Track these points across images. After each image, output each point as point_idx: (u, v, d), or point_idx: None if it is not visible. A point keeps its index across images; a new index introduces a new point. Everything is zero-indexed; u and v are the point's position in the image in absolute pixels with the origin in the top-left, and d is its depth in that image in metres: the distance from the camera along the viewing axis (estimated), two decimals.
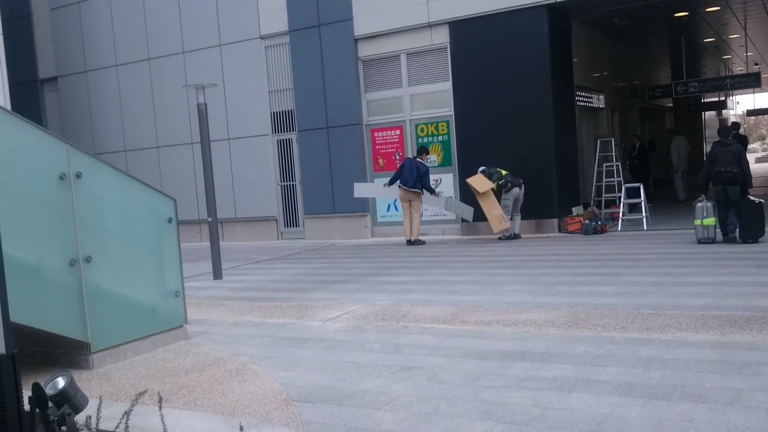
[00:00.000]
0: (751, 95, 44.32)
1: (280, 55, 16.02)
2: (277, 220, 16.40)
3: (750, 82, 18.44)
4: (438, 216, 14.60)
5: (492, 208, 12.37)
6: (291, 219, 16.28)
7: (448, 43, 14.13)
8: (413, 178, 13.00)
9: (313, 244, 14.88)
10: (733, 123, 18.31)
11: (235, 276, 11.05)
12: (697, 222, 10.55)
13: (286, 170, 16.23)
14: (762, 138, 76.86)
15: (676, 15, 15.83)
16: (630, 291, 7.34)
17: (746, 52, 22.32)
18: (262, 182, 16.39)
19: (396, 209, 15.11)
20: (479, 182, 12.56)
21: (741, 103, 46.58)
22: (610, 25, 16.49)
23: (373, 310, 7.50)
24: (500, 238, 12.78)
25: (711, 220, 10.44)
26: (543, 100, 13.23)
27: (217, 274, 10.80)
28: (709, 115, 35.38)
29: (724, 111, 38.84)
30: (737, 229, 10.24)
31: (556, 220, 13.33)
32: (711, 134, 32.89)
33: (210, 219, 10.84)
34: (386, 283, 9.23)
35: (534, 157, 13.33)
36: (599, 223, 12.96)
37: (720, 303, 6.45)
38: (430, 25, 14.23)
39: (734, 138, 11.36)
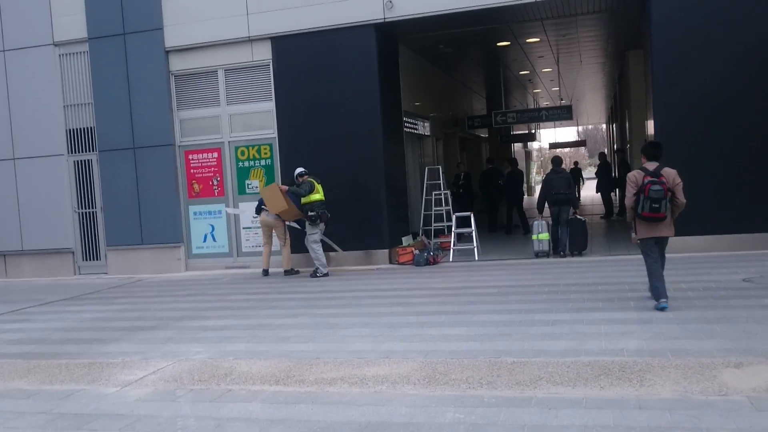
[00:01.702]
0: (553, 130, 47.69)
1: (77, 65, 14.02)
2: (73, 253, 14.22)
3: (563, 114, 19.20)
4: (259, 246, 13.36)
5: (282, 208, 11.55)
6: (91, 251, 14.19)
7: (271, 60, 13.03)
8: None
9: (117, 281, 12.98)
10: (511, 158, 19.15)
11: (11, 324, 9.06)
12: (534, 237, 12.11)
13: (84, 195, 14.15)
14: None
15: (498, 44, 15.96)
16: (484, 333, 6.61)
17: (559, 86, 23.43)
18: (55, 209, 14.17)
19: (214, 239, 13.65)
20: (273, 200, 11.54)
21: (544, 137, 49.83)
22: (436, 52, 16.31)
23: (187, 367, 6.13)
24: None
25: (545, 236, 12.04)
26: (372, 124, 12.51)
27: None
28: (518, 146, 37.31)
29: (530, 143, 41.25)
30: (567, 244, 11.99)
31: (387, 251, 12.59)
32: (520, 165, 34.61)
33: None
34: (204, 329, 7.85)
35: (364, 183, 12.54)
36: (431, 253, 12.41)
37: (583, 346, 5.86)
38: (251, 40, 13.06)
39: (572, 170, 13.45)
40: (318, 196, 11.53)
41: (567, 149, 46.62)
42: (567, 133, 66.63)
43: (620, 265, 10.32)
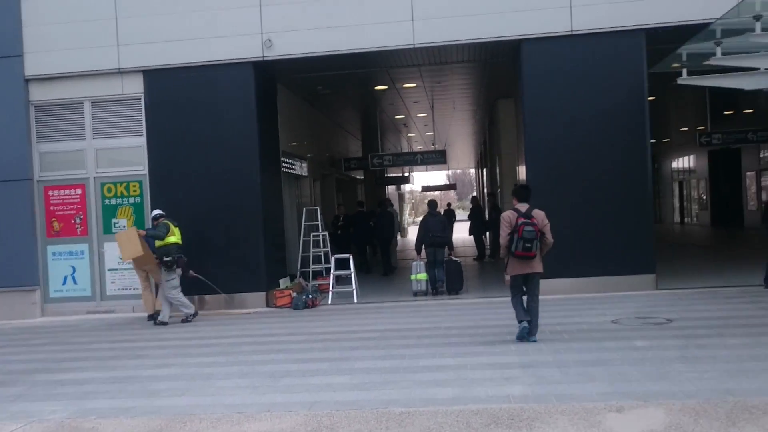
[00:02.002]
0: (425, 173, 48.91)
1: None
2: None
3: (437, 158, 19.61)
4: (128, 290, 12.54)
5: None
6: None
7: (143, 94, 12.44)
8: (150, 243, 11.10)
9: None
10: (382, 200, 19.60)
11: None
12: (412, 277, 12.55)
13: None
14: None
15: (376, 88, 16.13)
16: (369, 381, 6.40)
17: (433, 131, 23.98)
18: None
19: (75, 282, 12.69)
20: (128, 245, 10.91)
21: (417, 180, 50.96)
22: (315, 93, 16.26)
23: (41, 430, 5.50)
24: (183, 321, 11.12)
25: (423, 276, 12.52)
26: (250, 162, 12.17)
27: None
28: (391, 188, 37.90)
29: (403, 186, 42.05)
30: (444, 284, 12.50)
31: (264, 294, 12.17)
32: (394, 206, 35.18)
33: None
34: (62, 383, 7.14)
35: (240, 223, 12.12)
36: (309, 296, 12.12)
37: (470, 393, 5.80)
38: (121, 72, 12.43)
39: (445, 212, 13.98)
40: (174, 239, 10.97)
41: (438, 192, 47.90)
42: (437, 176, 68.63)
43: (496, 307, 10.48)
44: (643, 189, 11.76)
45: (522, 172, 13.06)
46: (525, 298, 7.84)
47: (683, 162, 34.76)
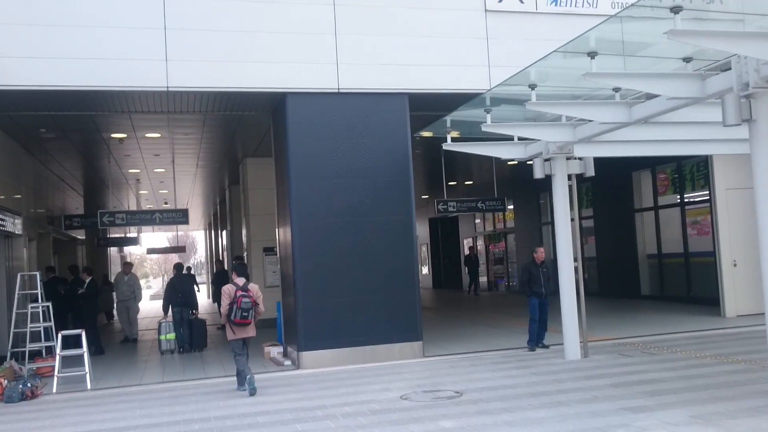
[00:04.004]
0: (151, 234, 45.66)
1: None
2: None
3: (179, 218, 17.80)
4: None
5: None
6: None
7: None
8: None
9: None
10: (127, 263, 17.84)
11: None
12: (162, 337, 13.46)
13: None
14: (146, 276, 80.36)
15: (113, 135, 14.13)
16: None
17: (174, 188, 22.01)
18: None
19: None
20: None
21: (144, 241, 47.34)
22: (35, 137, 13.80)
23: None
24: None
25: (172, 335, 13.49)
26: None
27: None
28: (114, 250, 34.62)
29: (128, 248, 38.67)
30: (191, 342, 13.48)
31: None
32: (116, 269, 31.94)
33: None
34: None
35: None
36: (27, 384, 9.72)
37: None
38: None
39: (186, 274, 15.40)
40: None
41: (167, 254, 44.90)
42: (160, 238, 64.81)
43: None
44: (410, 253, 11.51)
45: (284, 234, 12.11)
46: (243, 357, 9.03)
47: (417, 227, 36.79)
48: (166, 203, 28.57)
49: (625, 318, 15.00)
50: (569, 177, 10.50)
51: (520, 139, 11.09)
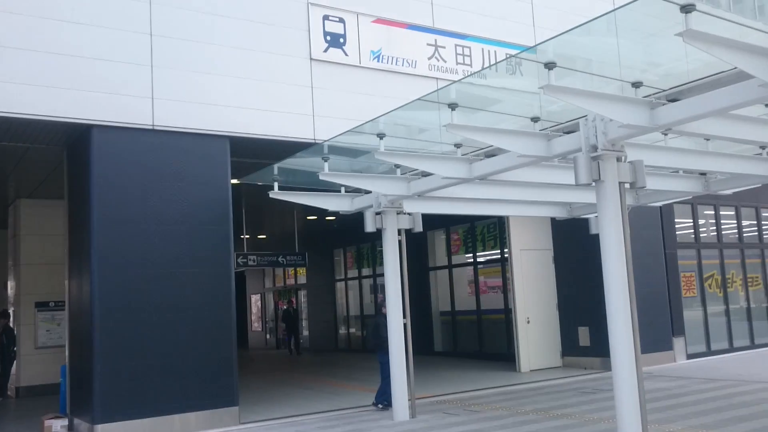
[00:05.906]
0: None
1: None
2: None
3: None
4: None
5: None
6: None
7: None
8: None
9: None
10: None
11: None
12: None
13: None
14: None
15: None
16: None
17: None
18: None
19: None
20: None
21: None
22: None
23: None
24: None
25: None
26: None
27: None
28: None
29: None
30: None
31: None
32: None
33: None
34: None
35: None
36: None
37: None
38: None
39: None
40: None
41: None
42: None
43: None
44: (227, 311, 10.53)
45: (78, 286, 10.51)
46: None
47: None
48: None
49: (427, 375, 15.04)
50: (398, 232, 10.37)
51: (347, 190, 10.82)
